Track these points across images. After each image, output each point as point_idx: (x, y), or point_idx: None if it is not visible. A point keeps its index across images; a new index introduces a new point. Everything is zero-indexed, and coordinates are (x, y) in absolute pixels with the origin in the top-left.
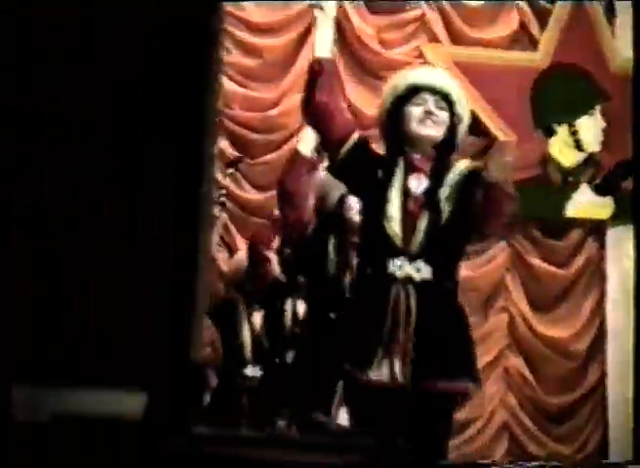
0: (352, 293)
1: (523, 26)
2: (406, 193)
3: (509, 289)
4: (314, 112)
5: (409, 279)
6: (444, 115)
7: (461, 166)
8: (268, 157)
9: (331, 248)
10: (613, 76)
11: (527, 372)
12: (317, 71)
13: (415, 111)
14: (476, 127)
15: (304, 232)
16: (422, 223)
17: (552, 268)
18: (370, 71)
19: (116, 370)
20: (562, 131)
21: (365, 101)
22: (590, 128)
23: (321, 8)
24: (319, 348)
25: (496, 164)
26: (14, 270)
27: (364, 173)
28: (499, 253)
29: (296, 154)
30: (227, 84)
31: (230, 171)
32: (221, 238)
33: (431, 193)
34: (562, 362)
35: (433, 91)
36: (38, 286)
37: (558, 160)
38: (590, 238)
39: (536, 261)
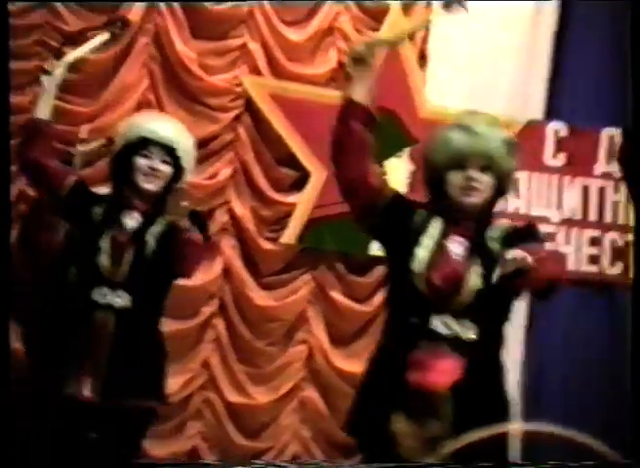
0: (60, 317)
1: (341, 65)
2: (118, 229)
3: (310, 321)
4: (29, 168)
5: (110, 306)
6: (167, 169)
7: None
8: (87, 171)
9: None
10: (421, 122)
11: (322, 405)
12: (33, 130)
13: (141, 164)
14: (290, 160)
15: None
16: (128, 256)
17: (353, 304)
18: (191, 96)
19: None
20: None
21: (185, 126)
22: (398, 170)
23: (49, 73)
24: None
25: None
26: None
27: (82, 211)
28: (302, 286)
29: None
30: None
31: None
32: None
33: (140, 229)
34: None
35: (161, 145)
36: None
37: None
38: None
39: (338, 296)
